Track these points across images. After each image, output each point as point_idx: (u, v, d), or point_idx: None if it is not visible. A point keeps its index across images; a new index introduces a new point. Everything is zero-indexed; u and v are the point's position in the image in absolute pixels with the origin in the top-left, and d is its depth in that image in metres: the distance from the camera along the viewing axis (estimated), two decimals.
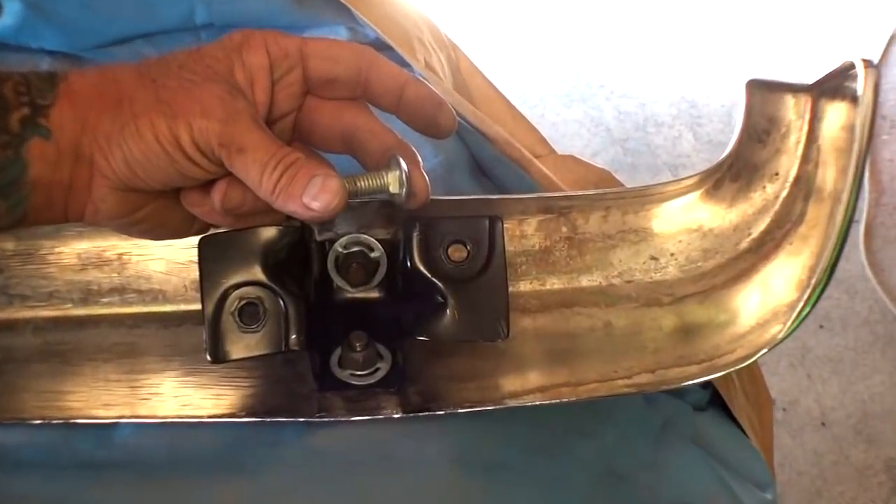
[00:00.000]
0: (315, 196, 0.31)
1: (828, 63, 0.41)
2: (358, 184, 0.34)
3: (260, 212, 0.35)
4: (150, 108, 0.31)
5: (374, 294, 0.43)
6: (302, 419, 0.40)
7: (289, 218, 0.36)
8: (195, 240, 0.38)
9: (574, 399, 0.40)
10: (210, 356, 0.38)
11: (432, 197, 0.37)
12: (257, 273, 0.38)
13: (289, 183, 0.31)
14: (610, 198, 0.46)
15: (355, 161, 0.37)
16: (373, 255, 0.43)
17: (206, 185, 0.34)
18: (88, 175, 0.32)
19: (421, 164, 0.35)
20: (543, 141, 0.63)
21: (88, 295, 0.44)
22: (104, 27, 0.48)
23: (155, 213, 0.34)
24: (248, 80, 0.33)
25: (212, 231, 0.38)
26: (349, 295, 0.42)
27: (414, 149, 0.36)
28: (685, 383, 0.43)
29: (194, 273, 0.41)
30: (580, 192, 0.46)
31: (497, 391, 0.42)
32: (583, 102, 1.30)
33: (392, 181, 0.34)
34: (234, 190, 0.33)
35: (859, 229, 1.18)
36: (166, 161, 0.31)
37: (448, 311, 0.40)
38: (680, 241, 0.46)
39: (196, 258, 0.38)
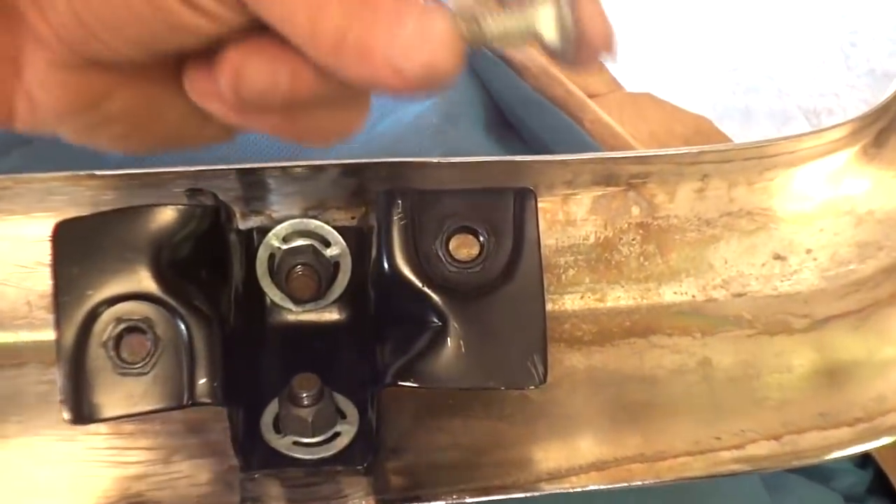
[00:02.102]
0: (409, 47, 0.28)
1: None
2: (483, 23, 0.30)
3: (305, 103, 0.32)
4: None
5: (332, 315, 0.43)
6: None
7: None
8: (48, 228, 0.38)
9: (651, 482, 0.41)
10: (69, 414, 0.37)
11: (425, 160, 0.37)
12: (144, 280, 0.38)
13: (362, 25, 0.29)
14: (709, 160, 0.46)
15: None
16: (329, 252, 0.43)
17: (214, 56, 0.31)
18: (12, 42, 0.31)
19: None
20: (604, 72, 0.65)
21: None
22: None
23: (135, 103, 0.33)
24: None
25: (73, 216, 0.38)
26: (292, 317, 0.43)
27: None
28: (830, 456, 0.43)
29: (45, 281, 0.41)
30: (661, 151, 0.47)
31: (528, 469, 0.42)
32: None
33: (544, 16, 0.30)
34: (258, 60, 0.31)
35: None
36: (144, 8, 0.29)
37: (449, 340, 0.40)
38: (821, 231, 0.47)
39: (48, 256, 0.38)
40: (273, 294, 0.43)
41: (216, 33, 0.30)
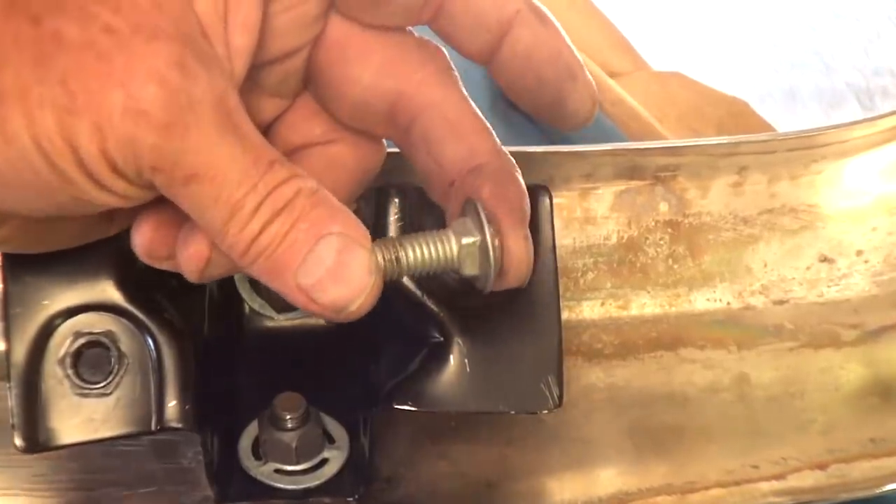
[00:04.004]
0: (323, 281, 0.31)
1: None
2: (405, 257, 0.33)
3: (226, 271, 0.34)
4: (26, 85, 0.29)
5: (319, 326, 0.42)
6: None
7: None
8: None
9: None
10: (21, 441, 0.36)
11: None
12: (107, 289, 0.37)
13: (276, 243, 0.30)
14: (748, 151, 0.45)
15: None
16: None
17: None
18: None
19: (525, 210, 0.35)
20: (628, 48, 0.63)
21: None
22: None
23: (26, 231, 0.34)
24: (215, 9, 0.31)
25: None
26: (273, 326, 0.42)
27: (517, 173, 0.35)
28: (883, 489, 0.41)
29: None
30: (692, 142, 0.46)
31: (540, 502, 0.41)
32: None
33: (467, 257, 0.33)
34: (169, 233, 0.33)
35: None
36: (52, 180, 0.30)
37: (452, 358, 0.39)
38: (874, 230, 0.46)
39: None
40: (251, 301, 0.41)
41: (124, 206, 0.31)
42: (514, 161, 0.35)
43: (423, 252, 0.33)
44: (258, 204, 0.30)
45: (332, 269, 0.31)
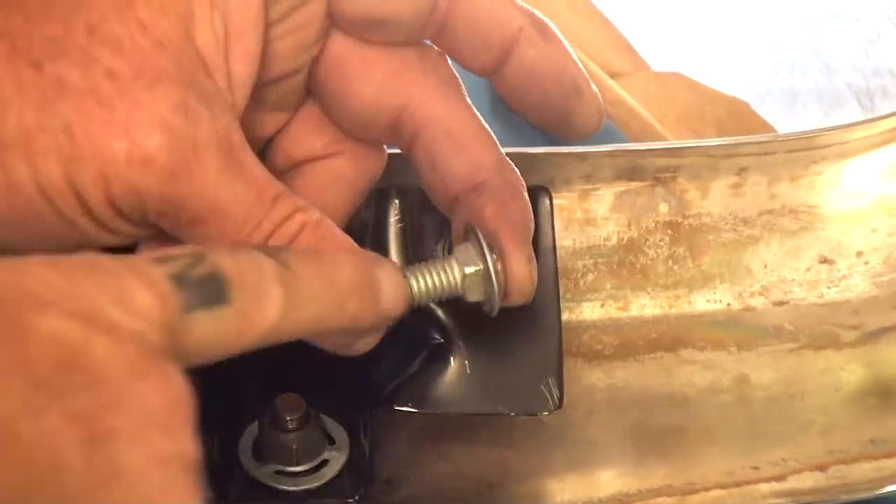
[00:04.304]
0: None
1: None
2: (410, 287, 0.34)
3: None
4: (30, 133, 0.28)
5: None
6: None
7: None
8: None
9: None
10: None
11: None
12: None
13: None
14: (747, 152, 0.45)
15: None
16: None
17: None
18: None
19: (528, 228, 0.35)
20: (628, 49, 0.63)
21: None
22: None
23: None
24: (216, 41, 0.31)
25: None
26: None
27: (521, 187, 0.35)
28: (883, 490, 0.41)
29: None
30: (692, 143, 0.47)
31: (543, 503, 0.41)
32: None
33: (471, 286, 0.34)
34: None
35: None
36: (58, 225, 0.30)
37: (452, 359, 0.39)
38: (874, 231, 0.46)
39: None
40: None
41: (126, 243, 0.32)
42: (518, 174, 0.35)
43: (428, 282, 0.34)
44: (263, 242, 0.30)
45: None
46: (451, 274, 0.34)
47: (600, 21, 0.65)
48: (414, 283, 0.34)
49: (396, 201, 0.40)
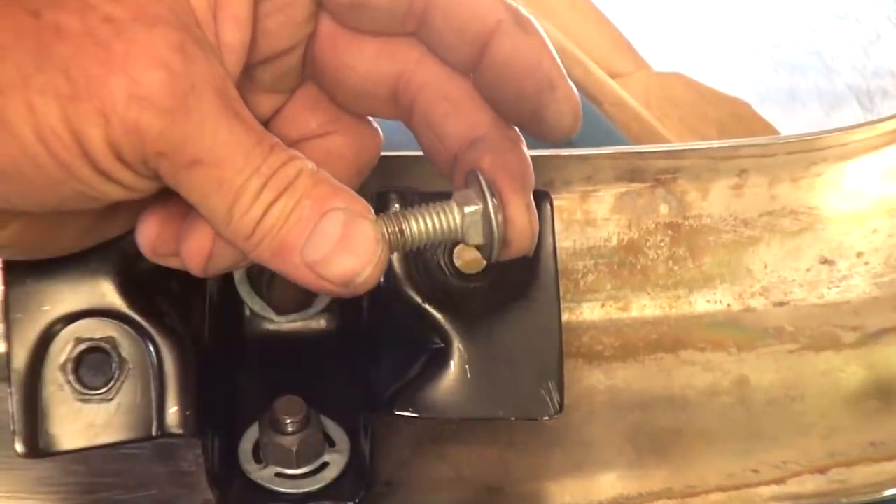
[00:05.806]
0: (330, 255, 0.30)
1: None
2: (408, 228, 0.33)
3: (229, 264, 0.34)
4: (28, 77, 0.28)
5: (319, 328, 0.42)
6: None
7: None
8: None
9: None
10: (22, 447, 0.36)
11: (418, 153, 0.36)
12: (108, 294, 0.37)
13: (281, 222, 0.30)
14: (748, 154, 0.45)
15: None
16: None
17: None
18: None
19: (527, 177, 0.35)
20: (629, 49, 0.63)
21: None
22: None
23: (29, 234, 0.33)
24: (207, 2, 0.31)
25: None
26: (273, 329, 0.42)
27: (521, 141, 0.35)
28: (884, 493, 0.41)
29: None
30: (693, 145, 0.46)
31: None
32: None
33: (470, 226, 0.33)
34: (174, 228, 0.33)
35: None
36: (56, 173, 0.29)
37: (452, 364, 0.38)
38: (874, 232, 0.46)
39: None
40: (252, 303, 0.41)
41: (127, 199, 0.32)
42: (516, 130, 0.35)
43: (426, 223, 0.33)
44: (262, 186, 0.30)
45: (339, 242, 0.30)
46: (451, 215, 0.33)
47: (601, 21, 0.65)
48: (413, 223, 0.33)
49: (397, 205, 0.39)
